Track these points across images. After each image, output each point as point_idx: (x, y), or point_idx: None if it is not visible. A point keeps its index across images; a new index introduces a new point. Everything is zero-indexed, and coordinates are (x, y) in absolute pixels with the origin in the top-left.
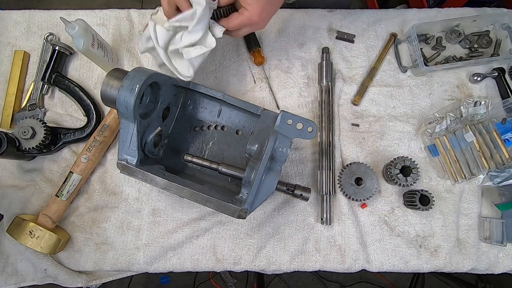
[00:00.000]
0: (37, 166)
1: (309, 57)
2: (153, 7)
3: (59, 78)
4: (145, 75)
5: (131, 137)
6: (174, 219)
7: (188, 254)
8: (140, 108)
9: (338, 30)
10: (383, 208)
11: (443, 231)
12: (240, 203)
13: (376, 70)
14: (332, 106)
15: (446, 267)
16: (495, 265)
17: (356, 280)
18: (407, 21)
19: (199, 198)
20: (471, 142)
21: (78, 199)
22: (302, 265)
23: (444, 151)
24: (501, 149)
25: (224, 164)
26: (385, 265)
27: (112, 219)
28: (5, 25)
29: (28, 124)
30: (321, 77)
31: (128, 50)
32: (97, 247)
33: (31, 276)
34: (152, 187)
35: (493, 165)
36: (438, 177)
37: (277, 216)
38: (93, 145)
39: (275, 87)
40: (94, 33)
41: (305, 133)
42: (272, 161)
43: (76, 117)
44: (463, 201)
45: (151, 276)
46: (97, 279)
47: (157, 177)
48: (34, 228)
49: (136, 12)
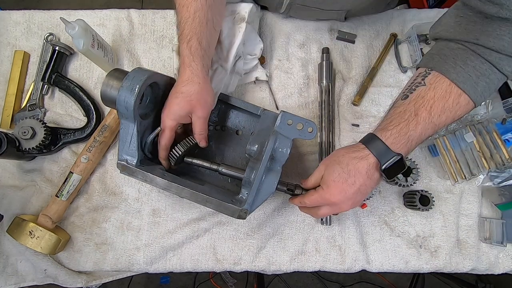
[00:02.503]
0: (37, 166)
1: (309, 57)
2: (153, 7)
3: (59, 78)
4: (145, 76)
5: (131, 138)
6: (174, 219)
7: (188, 254)
8: (140, 108)
9: (339, 30)
10: (383, 209)
11: (443, 231)
12: (240, 204)
13: (376, 70)
14: (332, 107)
15: (446, 267)
16: (495, 265)
17: (356, 280)
18: (407, 21)
19: (199, 198)
20: (471, 142)
21: (78, 199)
22: (302, 265)
23: (444, 151)
24: (501, 150)
25: (224, 164)
26: (385, 265)
27: (112, 219)
28: (5, 25)
29: (28, 124)
30: (321, 77)
31: (128, 50)
32: (97, 247)
33: (31, 276)
34: (152, 187)
35: (493, 166)
36: (438, 177)
37: (277, 216)
38: (93, 145)
39: (275, 87)
40: (94, 33)
41: (305, 134)
42: (272, 161)
43: (76, 117)
44: (463, 201)
45: (151, 276)
46: (97, 279)
47: (157, 177)
48: (34, 228)
49: (136, 12)
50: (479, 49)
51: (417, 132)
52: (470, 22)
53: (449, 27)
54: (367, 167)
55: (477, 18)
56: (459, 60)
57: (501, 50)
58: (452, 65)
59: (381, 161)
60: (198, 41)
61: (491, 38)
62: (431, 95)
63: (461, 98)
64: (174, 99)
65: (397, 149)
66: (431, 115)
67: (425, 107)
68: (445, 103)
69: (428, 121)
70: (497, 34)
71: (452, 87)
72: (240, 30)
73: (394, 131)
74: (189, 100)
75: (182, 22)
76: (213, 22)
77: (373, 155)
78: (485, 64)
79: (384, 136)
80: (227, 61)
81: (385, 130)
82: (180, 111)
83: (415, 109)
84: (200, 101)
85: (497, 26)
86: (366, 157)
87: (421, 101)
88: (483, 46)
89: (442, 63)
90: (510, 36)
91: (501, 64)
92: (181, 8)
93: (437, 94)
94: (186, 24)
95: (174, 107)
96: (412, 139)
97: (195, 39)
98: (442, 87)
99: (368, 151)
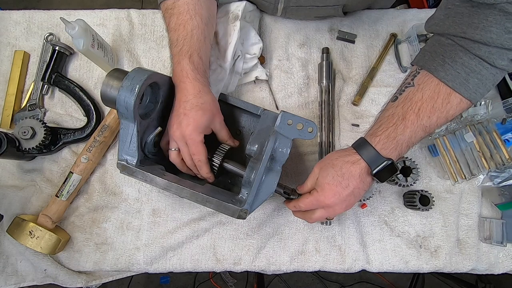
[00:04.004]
0: (37, 166)
1: (309, 57)
2: (153, 7)
3: (59, 78)
4: (145, 75)
5: (131, 138)
6: (174, 219)
7: (188, 254)
8: (140, 108)
9: (339, 30)
10: (383, 208)
11: (443, 231)
12: (240, 204)
13: (376, 70)
14: (332, 107)
15: (446, 267)
16: (495, 266)
17: (356, 280)
18: (407, 21)
19: (199, 198)
20: (471, 142)
21: (78, 199)
22: (302, 265)
23: (444, 151)
24: (501, 150)
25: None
26: (385, 265)
27: (112, 219)
28: (5, 25)
29: (28, 124)
30: (321, 77)
31: (128, 50)
32: (97, 247)
33: (31, 276)
34: (152, 187)
35: (493, 166)
36: (438, 177)
37: (277, 216)
38: (93, 145)
39: (275, 87)
40: (94, 33)
41: (305, 134)
42: (272, 161)
43: (76, 117)
44: (463, 201)
45: (151, 276)
46: (97, 279)
47: (157, 177)
48: (34, 228)
49: (136, 12)
50: (467, 43)
51: (406, 136)
52: (458, 14)
53: (439, 21)
54: (360, 172)
55: (464, 9)
56: (448, 57)
57: (490, 42)
58: (441, 63)
59: (372, 166)
60: (199, 56)
61: (477, 31)
62: (418, 97)
63: (451, 97)
64: (195, 112)
65: (387, 154)
66: (420, 118)
67: (413, 109)
68: (434, 103)
69: (417, 124)
70: (483, 26)
71: (441, 86)
72: (235, 29)
73: (383, 136)
74: (210, 109)
75: (180, 39)
76: (210, 39)
77: (364, 160)
78: (474, 60)
79: (373, 141)
80: (226, 60)
81: (374, 136)
82: (206, 121)
83: (402, 113)
84: (217, 109)
85: (483, 16)
86: (357, 161)
87: (408, 104)
88: (470, 39)
89: (432, 61)
90: (497, 27)
91: (492, 58)
92: (177, 27)
93: (425, 95)
94: (185, 41)
95: (200, 119)
96: (401, 143)
97: (195, 54)
98: (430, 87)
99: (359, 156)
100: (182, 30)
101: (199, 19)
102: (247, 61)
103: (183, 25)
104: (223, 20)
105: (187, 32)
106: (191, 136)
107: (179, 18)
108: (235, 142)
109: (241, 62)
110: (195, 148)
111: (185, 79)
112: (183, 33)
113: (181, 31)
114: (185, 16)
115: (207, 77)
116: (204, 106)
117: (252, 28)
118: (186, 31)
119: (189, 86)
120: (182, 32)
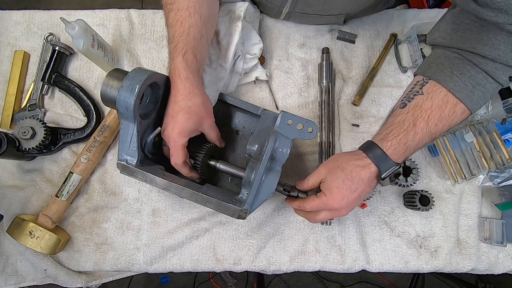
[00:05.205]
0: (37, 166)
1: (309, 58)
2: (153, 7)
3: (59, 78)
4: (145, 75)
5: (131, 138)
6: (174, 219)
7: (188, 254)
8: (140, 109)
9: (339, 30)
10: (383, 209)
11: (443, 231)
12: (240, 204)
13: (376, 70)
14: (332, 107)
15: (446, 267)
16: (495, 266)
17: (356, 280)
18: (407, 21)
19: (199, 198)
20: (471, 142)
21: (78, 199)
22: (302, 265)
23: (444, 151)
24: (501, 150)
25: (222, 161)
26: (385, 266)
27: (112, 219)
28: (5, 25)
29: (28, 124)
30: (321, 77)
31: (128, 50)
32: (97, 247)
33: (31, 276)
34: (152, 187)
35: (493, 166)
36: (438, 177)
37: (277, 216)
38: (93, 146)
39: (275, 87)
40: (94, 33)
41: (305, 134)
42: (272, 161)
43: (76, 117)
44: (463, 201)
45: (151, 276)
46: (97, 279)
47: (157, 177)
48: (34, 228)
49: (136, 12)
50: (475, 58)
51: (415, 142)
52: (467, 30)
53: (446, 34)
54: (369, 176)
55: (473, 27)
56: (456, 70)
57: (497, 59)
58: (449, 75)
59: (382, 171)
60: (194, 55)
61: (487, 47)
62: (428, 105)
63: (457, 107)
64: (181, 115)
65: (396, 159)
66: (429, 125)
67: (423, 117)
68: (442, 112)
69: (426, 131)
70: (493, 43)
71: (449, 96)
72: (236, 29)
73: (394, 142)
74: (197, 113)
75: (176, 36)
76: (207, 38)
77: (375, 165)
78: (481, 74)
79: (385, 146)
80: (227, 60)
81: (385, 140)
82: (192, 125)
83: (413, 119)
84: (206, 111)
85: (493, 35)
86: (368, 166)
87: (419, 111)
88: (479, 54)
89: (440, 72)
90: (505, 45)
91: (497, 73)
92: (175, 23)
93: (435, 104)
94: (181, 38)
95: (185, 123)
96: (409, 148)
97: (190, 52)
98: (439, 97)
99: (370, 160)
100: (179, 26)
101: (198, 17)
102: (247, 61)
103: (180, 22)
104: (224, 19)
105: (184, 29)
106: (174, 139)
107: (177, 14)
108: (222, 143)
109: (241, 62)
110: (174, 150)
111: (177, 79)
112: (180, 29)
113: (178, 28)
114: (184, 13)
115: (200, 76)
116: (192, 110)
117: (253, 28)
118: (183, 28)
119: (180, 86)
120: (179, 28)
